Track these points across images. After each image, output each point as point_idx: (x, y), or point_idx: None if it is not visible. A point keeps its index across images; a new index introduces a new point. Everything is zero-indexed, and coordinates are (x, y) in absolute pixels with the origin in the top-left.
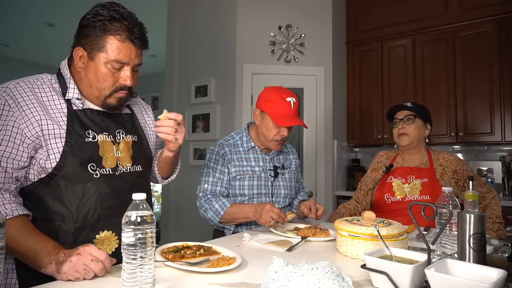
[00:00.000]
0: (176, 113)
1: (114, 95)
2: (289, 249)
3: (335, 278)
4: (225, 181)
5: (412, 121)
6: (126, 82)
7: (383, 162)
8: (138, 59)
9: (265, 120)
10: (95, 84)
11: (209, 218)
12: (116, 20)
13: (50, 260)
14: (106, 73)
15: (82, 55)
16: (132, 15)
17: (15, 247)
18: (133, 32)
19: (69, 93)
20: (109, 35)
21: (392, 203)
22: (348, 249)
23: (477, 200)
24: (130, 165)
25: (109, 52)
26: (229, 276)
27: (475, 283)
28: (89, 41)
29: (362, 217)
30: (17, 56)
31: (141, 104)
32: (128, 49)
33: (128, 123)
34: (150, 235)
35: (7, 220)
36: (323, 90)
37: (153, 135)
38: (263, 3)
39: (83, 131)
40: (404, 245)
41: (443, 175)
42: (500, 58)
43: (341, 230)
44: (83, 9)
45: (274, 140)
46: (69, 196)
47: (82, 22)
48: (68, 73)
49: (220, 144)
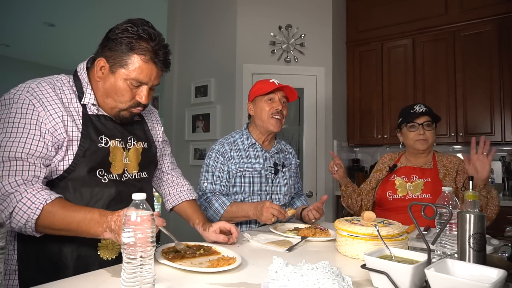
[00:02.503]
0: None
1: (130, 110)
2: (289, 249)
3: (335, 278)
4: (225, 180)
5: (431, 127)
6: (142, 99)
7: (387, 163)
8: (157, 80)
9: (257, 104)
10: (112, 96)
11: (208, 217)
12: (143, 39)
13: (103, 229)
14: (125, 88)
15: (104, 66)
16: (159, 36)
17: (67, 226)
18: (157, 55)
19: (85, 98)
20: (134, 53)
21: (394, 200)
22: (348, 249)
23: (477, 200)
24: (136, 172)
25: (131, 70)
26: (229, 276)
27: (475, 283)
28: (114, 55)
29: (362, 217)
30: (17, 56)
31: (151, 110)
32: (150, 70)
33: (139, 130)
34: (150, 235)
35: (47, 205)
36: (323, 90)
37: (159, 141)
38: (263, 3)
39: (97, 136)
40: (404, 245)
41: (446, 175)
42: (500, 58)
43: (341, 230)
44: (83, 9)
45: (271, 116)
46: (77, 199)
47: (109, 35)
48: (86, 78)
49: (220, 142)
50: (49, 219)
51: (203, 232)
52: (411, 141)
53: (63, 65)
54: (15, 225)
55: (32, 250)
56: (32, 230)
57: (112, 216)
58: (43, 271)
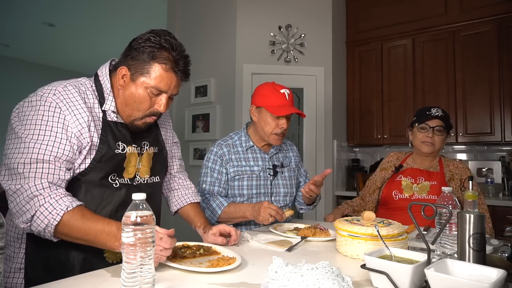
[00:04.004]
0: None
1: (145, 119)
2: (289, 249)
3: (335, 278)
4: (223, 181)
5: (441, 133)
6: (160, 108)
7: (393, 162)
8: (176, 90)
9: (262, 115)
10: (131, 104)
11: (207, 217)
12: (165, 49)
13: (119, 243)
14: (144, 96)
15: (125, 74)
16: (180, 47)
17: (84, 236)
18: (178, 64)
19: (107, 105)
20: (155, 62)
21: (400, 200)
22: (348, 249)
23: (477, 201)
24: (148, 176)
25: (152, 78)
26: (229, 276)
27: (475, 283)
28: (136, 63)
29: (362, 217)
30: (17, 56)
31: (165, 114)
32: (170, 79)
33: (152, 134)
34: (150, 235)
35: (67, 213)
36: (323, 90)
37: (170, 146)
38: (263, 3)
39: (114, 143)
40: (404, 245)
41: (451, 180)
42: (500, 58)
43: (341, 230)
44: (83, 9)
45: (274, 133)
46: (88, 202)
47: (132, 44)
48: (108, 84)
49: (219, 144)
50: (68, 227)
51: (203, 235)
52: (418, 142)
53: (63, 65)
54: (35, 228)
55: (40, 251)
56: (50, 235)
57: None
58: (49, 271)
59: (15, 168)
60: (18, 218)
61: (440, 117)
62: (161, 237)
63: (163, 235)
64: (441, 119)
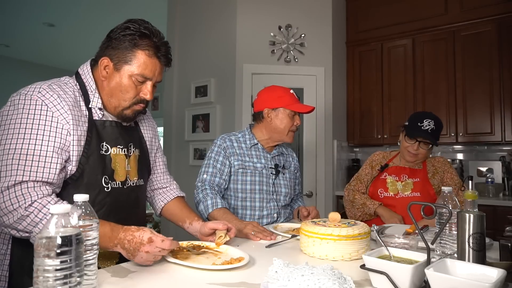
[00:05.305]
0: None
1: (133, 107)
2: (270, 245)
3: (336, 279)
4: (225, 173)
5: (427, 146)
6: (147, 96)
7: (379, 161)
8: (160, 76)
9: (279, 115)
10: (117, 94)
11: (199, 211)
12: (146, 36)
13: (114, 244)
14: (130, 85)
15: (107, 65)
16: (159, 33)
17: None
18: (160, 50)
19: (93, 102)
20: (138, 49)
21: (385, 198)
22: (316, 250)
23: (477, 200)
24: (136, 179)
25: (136, 66)
26: (229, 276)
27: (475, 282)
28: (117, 53)
29: (328, 218)
30: (17, 56)
31: (147, 116)
32: (154, 65)
33: (135, 136)
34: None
35: None
36: (323, 90)
37: (153, 149)
38: (263, 3)
39: (98, 143)
40: (364, 245)
41: (435, 174)
42: (500, 58)
43: (306, 232)
44: (83, 9)
45: (291, 131)
46: None
47: (111, 34)
48: (91, 80)
49: (223, 137)
50: None
51: (201, 226)
52: (404, 148)
53: (63, 65)
54: (23, 227)
55: (25, 255)
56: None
57: (125, 234)
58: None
59: (7, 165)
60: (5, 215)
61: (430, 131)
62: (162, 239)
63: (165, 238)
64: (430, 134)
